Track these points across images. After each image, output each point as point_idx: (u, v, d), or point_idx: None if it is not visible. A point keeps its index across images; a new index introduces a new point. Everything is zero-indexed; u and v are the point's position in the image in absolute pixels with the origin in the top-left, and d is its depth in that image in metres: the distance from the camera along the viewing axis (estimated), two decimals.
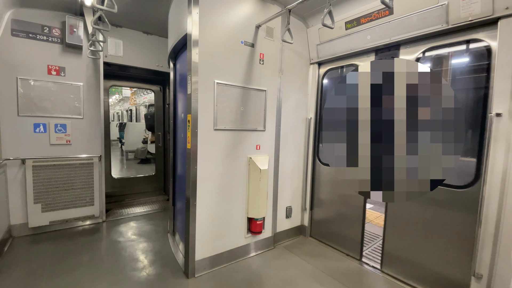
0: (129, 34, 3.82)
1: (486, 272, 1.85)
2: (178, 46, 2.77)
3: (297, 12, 2.90)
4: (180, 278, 2.37)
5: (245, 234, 2.75)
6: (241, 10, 2.50)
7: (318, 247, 3.06)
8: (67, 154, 3.30)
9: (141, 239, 3.13)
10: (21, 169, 3.03)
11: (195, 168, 2.32)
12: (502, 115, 1.76)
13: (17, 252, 2.71)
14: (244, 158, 2.67)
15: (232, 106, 2.51)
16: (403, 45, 2.35)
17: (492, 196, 1.81)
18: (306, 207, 3.30)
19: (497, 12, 1.75)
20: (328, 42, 2.91)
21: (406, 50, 2.34)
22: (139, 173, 6.04)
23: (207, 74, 2.32)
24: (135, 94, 11.38)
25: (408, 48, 2.32)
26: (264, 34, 2.69)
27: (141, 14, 3.39)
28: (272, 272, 2.55)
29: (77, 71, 3.33)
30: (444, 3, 1.95)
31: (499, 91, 1.78)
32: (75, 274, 2.35)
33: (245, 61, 2.58)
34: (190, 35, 2.21)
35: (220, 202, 2.54)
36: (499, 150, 1.78)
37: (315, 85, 3.20)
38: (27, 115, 3.05)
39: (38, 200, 3.11)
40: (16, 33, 2.95)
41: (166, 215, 3.89)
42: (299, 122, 3.22)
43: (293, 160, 3.19)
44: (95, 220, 3.54)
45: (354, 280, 2.42)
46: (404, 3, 2.18)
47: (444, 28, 2.01)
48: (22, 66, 3.00)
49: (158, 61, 4.10)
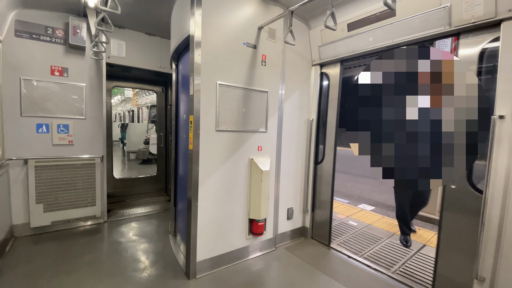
0: (131, 35, 3.84)
1: (488, 275, 1.83)
2: (180, 47, 2.78)
3: (299, 13, 2.90)
4: (181, 279, 2.37)
5: (247, 236, 2.75)
6: (243, 12, 2.51)
7: (319, 249, 3.05)
8: (69, 155, 3.31)
9: (142, 239, 3.13)
10: (24, 169, 3.05)
11: (197, 169, 2.32)
12: (505, 117, 1.75)
13: (19, 252, 2.71)
14: (246, 159, 2.67)
15: (234, 107, 2.52)
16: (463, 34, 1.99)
17: (495, 199, 1.80)
18: (308, 208, 3.29)
19: (500, 14, 1.75)
20: (330, 43, 2.91)
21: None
22: (140, 173, 6.04)
23: (209, 75, 2.33)
24: (137, 95, 11.41)
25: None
26: (266, 36, 2.70)
27: (144, 15, 3.41)
28: (274, 274, 2.54)
29: (80, 72, 3.34)
30: (447, 5, 1.95)
31: (502, 93, 1.77)
32: (76, 275, 2.35)
33: (247, 63, 2.58)
34: (192, 36, 2.22)
35: (221, 203, 2.54)
36: (502, 152, 1.77)
37: (317, 87, 3.20)
38: (30, 116, 3.07)
39: (40, 200, 3.12)
40: (19, 34, 2.97)
41: (167, 216, 3.89)
42: (301, 124, 3.21)
43: (295, 162, 3.19)
44: (96, 221, 3.54)
45: (355, 281, 2.42)
46: (406, 5, 2.17)
47: (446, 30, 2.01)
48: (26, 66, 3.02)
49: (160, 62, 4.11)
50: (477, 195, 1.91)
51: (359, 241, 3.24)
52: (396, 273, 2.54)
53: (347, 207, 4.63)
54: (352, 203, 5.05)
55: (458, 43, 2.02)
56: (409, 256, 2.87)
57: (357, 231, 3.54)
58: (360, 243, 3.18)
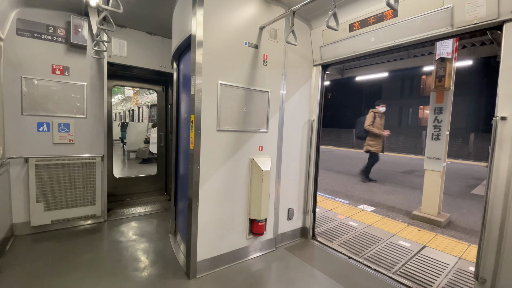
0: (133, 34, 3.84)
1: (489, 276, 1.83)
2: (182, 47, 2.78)
3: (301, 13, 2.90)
4: (181, 279, 2.36)
5: (247, 235, 2.75)
6: (245, 12, 2.51)
7: (320, 249, 3.05)
8: (70, 154, 3.31)
9: (142, 239, 3.13)
10: (24, 168, 3.05)
11: (198, 168, 2.32)
12: (507, 119, 1.75)
13: (19, 251, 2.71)
14: (247, 159, 2.67)
15: (235, 107, 2.52)
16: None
17: (496, 200, 1.80)
18: (308, 209, 3.29)
19: (503, 16, 1.74)
20: (331, 44, 2.91)
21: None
22: (140, 173, 6.05)
23: (210, 75, 2.33)
24: (137, 94, 11.40)
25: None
26: (268, 36, 2.70)
27: (146, 14, 3.41)
28: (274, 274, 2.54)
29: (81, 71, 3.34)
30: (449, 6, 1.95)
31: (504, 95, 1.77)
32: (76, 274, 2.35)
33: (249, 62, 2.58)
34: (194, 36, 2.22)
35: (222, 203, 2.54)
36: (504, 153, 1.77)
37: (318, 87, 3.20)
38: (31, 114, 3.07)
39: (41, 199, 3.12)
40: (21, 33, 2.97)
41: (167, 215, 3.89)
42: (302, 124, 3.21)
43: (295, 162, 3.19)
44: (96, 220, 3.54)
45: (355, 282, 2.41)
46: (409, 6, 2.17)
47: (449, 31, 2.01)
48: (27, 65, 3.02)
49: (161, 61, 4.11)
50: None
51: (360, 241, 3.24)
52: (396, 274, 2.54)
53: (347, 207, 4.62)
54: (352, 203, 5.05)
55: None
56: (409, 257, 2.87)
57: (358, 231, 3.54)
58: (361, 243, 3.18)
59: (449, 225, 4.06)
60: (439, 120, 4.02)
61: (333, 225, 3.75)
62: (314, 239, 3.28)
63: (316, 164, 3.27)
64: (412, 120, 23.84)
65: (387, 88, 24.70)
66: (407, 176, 8.31)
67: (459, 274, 2.57)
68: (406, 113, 24.14)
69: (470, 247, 3.10)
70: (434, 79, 4.04)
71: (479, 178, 5.53)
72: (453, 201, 5.35)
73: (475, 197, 5.65)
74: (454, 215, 4.48)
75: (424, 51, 8.84)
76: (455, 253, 2.97)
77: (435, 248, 3.09)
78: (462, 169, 5.62)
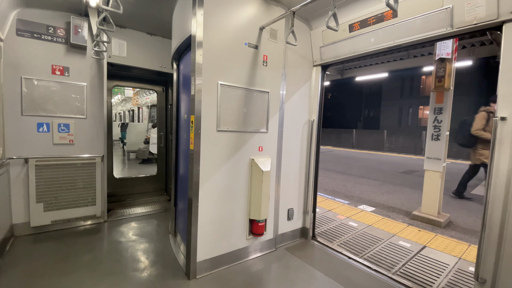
0: (133, 34, 3.84)
1: (489, 277, 1.83)
2: (182, 47, 2.78)
3: (300, 14, 2.90)
4: (181, 279, 2.36)
5: (247, 236, 2.74)
6: (245, 12, 2.51)
7: (320, 250, 3.05)
8: (69, 154, 3.31)
9: (142, 239, 3.13)
10: (24, 168, 3.04)
11: (198, 169, 2.32)
12: (507, 119, 1.75)
13: (19, 251, 2.71)
14: (247, 159, 2.67)
15: (235, 108, 2.52)
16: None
17: (496, 200, 1.80)
18: (308, 209, 3.29)
19: (502, 16, 1.75)
20: (331, 44, 2.91)
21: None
22: (140, 173, 6.05)
23: (210, 75, 2.33)
24: (137, 94, 11.41)
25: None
26: (267, 36, 2.70)
27: (145, 15, 3.41)
28: (274, 274, 2.54)
29: (81, 71, 3.34)
30: (449, 6, 1.95)
31: (503, 95, 1.77)
32: (76, 274, 2.35)
33: (249, 63, 2.58)
34: (194, 36, 2.22)
35: (222, 203, 2.53)
36: (504, 154, 1.77)
37: (318, 87, 3.20)
38: (30, 115, 3.07)
39: (40, 199, 3.12)
40: (21, 33, 2.97)
41: (167, 216, 3.89)
42: (302, 124, 3.21)
43: (295, 162, 3.19)
44: (96, 220, 3.54)
45: (355, 282, 2.41)
46: (408, 6, 2.17)
47: (448, 32, 2.01)
48: (27, 65, 3.02)
49: (161, 62, 4.11)
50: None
51: (360, 242, 3.24)
52: (396, 274, 2.53)
53: (347, 208, 4.62)
54: (352, 204, 5.05)
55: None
56: (409, 257, 2.87)
57: (358, 232, 3.54)
58: (361, 244, 3.18)
59: (449, 225, 4.06)
60: (439, 120, 4.02)
61: (333, 225, 3.75)
62: (314, 240, 3.28)
63: (316, 164, 3.27)
64: (412, 120, 23.87)
65: (387, 88, 24.73)
66: (407, 176, 8.31)
67: (459, 274, 2.57)
68: (406, 113, 24.17)
69: (470, 247, 3.10)
70: (434, 80, 4.04)
71: (479, 178, 5.53)
72: (453, 201, 5.35)
73: (475, 197, 5.64)
74: (454, 215, 4.48)
75: (424, 51, 8.86)
76: (455, 253, 2.97)
77: (435, 248, 3.09)
78: (462, 170, 5.61)
